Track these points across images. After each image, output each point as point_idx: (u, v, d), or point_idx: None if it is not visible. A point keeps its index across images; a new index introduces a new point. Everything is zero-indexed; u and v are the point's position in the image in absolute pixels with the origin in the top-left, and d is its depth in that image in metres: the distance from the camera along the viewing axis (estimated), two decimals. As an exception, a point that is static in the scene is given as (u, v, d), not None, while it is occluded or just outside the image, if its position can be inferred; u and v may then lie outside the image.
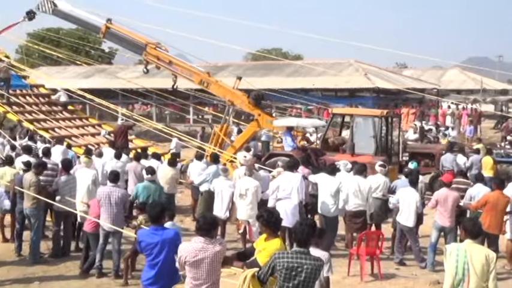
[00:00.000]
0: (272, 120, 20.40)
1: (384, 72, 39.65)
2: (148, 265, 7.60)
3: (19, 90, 25.18)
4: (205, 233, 6.91)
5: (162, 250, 7.45)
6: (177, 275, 7.69)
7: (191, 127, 38.78)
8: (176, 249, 7.27)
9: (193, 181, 15.37)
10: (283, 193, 12.56)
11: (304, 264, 6.36)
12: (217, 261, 6.91)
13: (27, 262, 12.19)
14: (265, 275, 6.47)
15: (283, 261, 6.33)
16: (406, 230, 12.40)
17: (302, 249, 6.48)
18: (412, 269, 12.28)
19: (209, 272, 6.87)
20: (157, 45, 21.52)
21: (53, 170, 13.49)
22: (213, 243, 6.90)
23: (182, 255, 6.85)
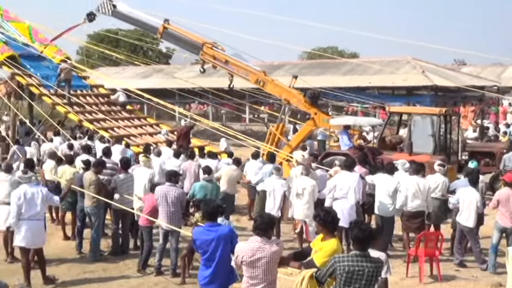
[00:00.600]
0: (328, 119, 20.26)
1: (442, 69, 38.83)
2: (203, 263, 7.61)
3: (79, 90, 25.70)
4: (262, 233, 6.89)
5: (217, 247, 7.43)
6: (233, 274, 7.69)
7: (247, 126, 38.86)
8: (231, 246, 7.28)
9: (250, 180, 15.37)
10: (340, 193, 12.44)
11: (365, 267, 6.25)
12: (274, 261, 6.87)
13: (88, 260, 12.41)
14: (324, 277, 6.39)
15: (344, 265, 6.23)
16: (466, 231, 12.11)
17: (362, 253, 6.37)
18: (473, 270, 11.97)
19: (266, 272, 6.83)
20: (213, 44, 21.66)
21: (113, 169, 13.68)
22: (270, 243, 6.87)
23: (239, 254, 6.83)
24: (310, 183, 12.77)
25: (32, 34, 28.11)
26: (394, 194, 12.36)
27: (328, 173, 14.33)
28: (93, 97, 25.99)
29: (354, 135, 21.21)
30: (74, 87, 25.02)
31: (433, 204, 12.94)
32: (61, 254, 12.78)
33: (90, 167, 12.87)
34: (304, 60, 53.73)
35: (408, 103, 31.02)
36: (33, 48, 26.80)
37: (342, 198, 12.37)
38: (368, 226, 7.16)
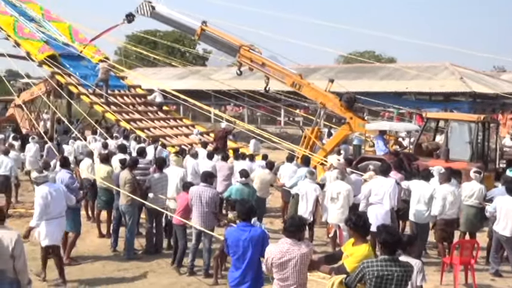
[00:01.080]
0: (364, 124, 20.14)
1: (481, 75, 38.35)
2: (233, 264, 7.62)
3: (117, 90, 25.98)
4: (292, 235, 6.87)
5: (248, 247, 7.40)
6: (262, 277, 7.67)
7: (282, 129, 38.88)
8: (262, 248, 7.26)
9: (284, 183, 15.34)
10: (375, 198, 12.34)
11: (394, 272, 6.22)
12: (304, 263, 6.84)
13: (122, 258, 12.52)
14: (353, 283, 6.37)
15: (373, 270, 6.19)
16: (503, 240, 11.90)
17: (390, 257, 6.33)
18: (509, 280, 11.76)
19: (295, 274, 6.81)
20: (250, 47, 21.70)
21: (146, 168, 13.77)
22: (299, 245, 6.85)
23: (269, 256, 6.83)
24: (346, 187, 12.70)
25: (72, 34, 28.53)
26: (429, 200, 12.23)
27: (362, 178, 14.23)
28: (130, 97, 26.27)
29: (389, 140, 21.04)
30: (112, 87, 25.32)
31: (469, 212, 12.76)
32: (96, 252, 12.92)
33: (127, 166, 12.99)
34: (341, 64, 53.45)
35: (445, 109, 30.76)
36: (73, 48, 27.20)
37: (377, 204, 12.25)
38: (396, 230, 7.12)
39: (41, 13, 29.75)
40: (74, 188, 12.23)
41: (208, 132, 25.30)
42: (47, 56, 25.08)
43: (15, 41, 26.06)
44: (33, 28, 27.16)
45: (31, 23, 27.81)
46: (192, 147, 19.47)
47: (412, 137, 21.25)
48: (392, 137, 22.73)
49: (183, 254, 11.69)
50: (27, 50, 25.58)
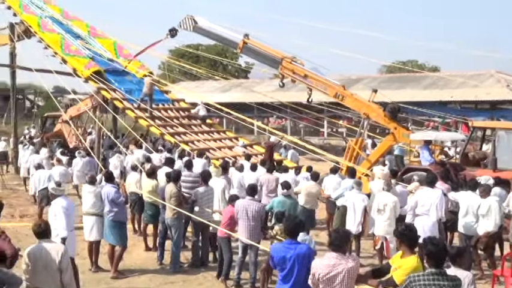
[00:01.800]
0: (409, 134, 19.89)
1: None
2: (281, 279, 7.56)
3: (161, 104, 26.18)
4: (337, 248, 6.79)
5: (295, 265, 7.34)
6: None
7: (325, 140, 38.75)
8: (309, 264, 7.19)
9: (329, 195, 15.24)
10: (422, 209, 12.16)
11: (442, 286, 6.09)
12: (351, 277, 6.74)
13: (168, 271, 12.56)
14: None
15: (420, 284, 6.09)
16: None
17: (438, 270, 6.21)
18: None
19: None
20: (292, 59, 21.66)
21: (195, 182, 13.79)
22: (346, 259, 6.77)
23: (316, 271, 6.76)
24: (392, 199, 12.53)
25: (117, 50, 28.91)
26: (477, 211, 12.04)
27: (408, 189, 14.07)
28: (174, 111, 26.44)
29: (435, 150, 20.77)
30: (156, 101, 25.52)
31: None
32: (143, 265, 13.00)
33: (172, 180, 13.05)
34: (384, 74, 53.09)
35: (492, 118, 30.22)
36: (117, 64, 27.54)
37: (424, 215, 12.08)
38: (441, 241, 6.98)
39: (87, 30, 30.26)
40: (119, 203, 12.37)
41: (251, 144, 25.33)
42: (92, 72, 25.43)
43: (62, 58, 26.52)
44: (79, 45, 27.62)
45: (77, 40, 28.30)
46: (236, 160, 19.49)
47: (458, 147, 20.93)
48: (438, 146, 22.43)
49: (229, 266, 11.65)
50: (74, 67, 25.99)
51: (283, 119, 43.21)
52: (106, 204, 12.28)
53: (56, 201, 10.69)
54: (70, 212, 10.61)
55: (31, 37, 28.68)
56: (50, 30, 27.99)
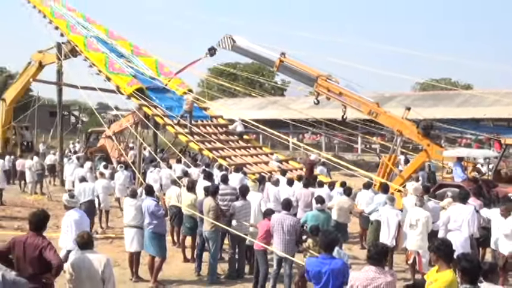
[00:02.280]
0: (442, 151, 19.71)
1: None
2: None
3: (200, 120, 26.35)
4: (376, 262, 6.81)
5: (329, 279, 7.37)
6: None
7: (359, 156, 38.53)
8: (343, 279, 7.20)
9: (362, 210, 15.16)
10: (454, 225, 12.05)
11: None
12: None
13: (205, 282, 12.57)
14: None
15: None
16: None
17: (472, 286, 6.15)
18: None
19: None
20: (328, 77, 21.68)
21: (232, 195, 13.82)
22: (385, 273, 6.78)
23: (354, 283, 6.77)
24: (424, 214, 12.42)
25: (158, 68, 29.27)
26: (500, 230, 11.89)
27: (440, 204, 13.92)
28: (212, 127, 26.58)
29: (467, 167, 20.53)
30: (195, 118, 25.69)
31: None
32: (181, 275, 13.04)
33: (210, 194, 13.11)
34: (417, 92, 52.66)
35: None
36: (158, 81, 27.85)
37: (456, 231, 11.95)
38: (475, 257, 6.93)
39: (130, 49, 30.70)
40: (159, 216, 12.46)
41: (287, 160, 25.32)
42: (135, 89, 25.73)
43: (106, 76, 26.91)
44: (122, 63, 28.02)
45: (121, 58, 28.73)
46: (272, 175, 19.50)
47: (491, 164, 20.65)
48: (471, 163, 22.18)
49: (265, 279, 11.63)
50: (117, 84, 26.35)
51: (317, 135, 43.08)
52: (146, 217, 12.38)
53: (69, 213, 10.79)
54: (83, 224, 10.60)
55: (77, 56, 29.22)
56: (95, 49, 28.46)
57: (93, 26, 32.40)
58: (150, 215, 12.36)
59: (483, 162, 24.92)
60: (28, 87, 36.12)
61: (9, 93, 34.92)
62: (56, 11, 31.90)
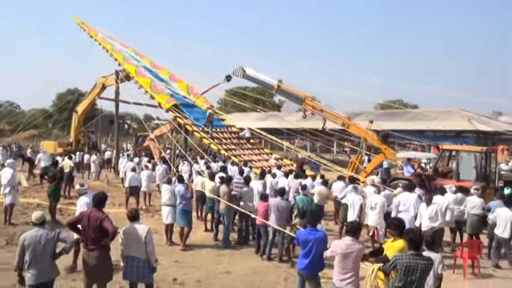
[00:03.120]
0: (395, 153, 19.92)
1: (484, 118, 37.03)
2: (302, 255, 7.62)
3: (219, 128, 26.38)
4: (352, 234, 6.94)
5: (313, 245, 7.46)
6: (323, 264, 7.63)
7: (334, 156, 38.44)
8: (324, 245, 7.26)
9: (336, 196, 15.18)
10: (403, 207, 12.15)
11: (419, 264, 6.09)
12: (360, 256, 6.87)
13: (220, 246, 12.64)
14: (388, 270, 6.29)
15: (403, 262, 6.10)
16: (502, 241, 11.37)
17: (417, 253, 6.21)
18: (506, 271, 11.17)
19: (354, 264, 6.82)
20: (312, 98, 21.76)
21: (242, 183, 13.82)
22: (358, 242, 6.90)
23: (336, 248, 6.86)
24: (381, 199, 12.49)
25: (189, 89, 29.28)
26: (444, 210, 11.88)
27: (393, 192, 13.92)
28: (227, 133, 26.60)
29: (414, 165, 20.51)
30: (215, 127, 25.74)
31: (473, 219, 12.34)
32: (203, 241, 13.08)
33: (224, 182, 13.17)
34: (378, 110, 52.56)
35: (456, 143, 29.64)
36: (189, 99, 27.89)
37: (404, 212, 12.01)
38: (419, 231, 7.01)
39: (168, 75, 30.77)
40: (187, 197, 12.53)
41: (282, 158, 25.32)
42: (171, 105, 25.74)
43: (150, 95, 26.94)
44: (163, 86, 28.08)
45: (162, 82, 28.79)
46: (271, 169, 19.51)
47: (431, 163, 20.65)
48: (416, 162, 22.12)
49: (265, 247, 11.69)
50: (159, 101, 26.37)
51: (304, 140, 43.04)
52: (178, 198, 12.43)
53: (81, 198, 10.35)
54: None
55: (130, 80, 29.29)
56: (142, 75, 28.53)
57: (142, 58, 32.51)
58: (180, 197, 12.41)
59: (425, 162, 24.93)
60: (94, 103, 36.19)
61: (80, 107, 35.07)
62: (115, 47, 31.99)
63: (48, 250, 7.03)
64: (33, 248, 6.95)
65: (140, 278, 7.65)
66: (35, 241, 6.97)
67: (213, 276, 10.12)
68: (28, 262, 6.96)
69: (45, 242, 7.01)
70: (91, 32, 33.39)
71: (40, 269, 6.98)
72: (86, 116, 36.20)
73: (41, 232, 7.06)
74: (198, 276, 10.11)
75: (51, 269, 7.16)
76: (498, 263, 11.50)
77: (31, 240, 6.98)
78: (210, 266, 10.87)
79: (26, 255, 6.95)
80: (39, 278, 6.99)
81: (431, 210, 11.28)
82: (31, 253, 6.94)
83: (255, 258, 11.61)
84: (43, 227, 7.20)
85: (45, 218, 7.48)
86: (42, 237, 7.02)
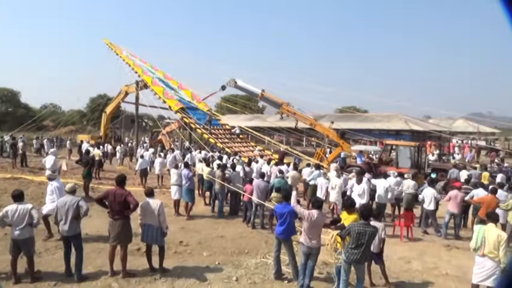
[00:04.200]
0: (350, 147, 20.06)
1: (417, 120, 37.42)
2: (279, 224, 7.62)
3: (215, 126, 26.29)
4: (317, 207, 6.95)
5: (288, 216, 7.43)
6: (295, 230, 7.64)
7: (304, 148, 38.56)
8: (295, 216, 7.26)
9: (305, 179, 15.21)
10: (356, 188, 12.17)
11: (367, 230, 6.15)
12: (321, 223, 6.88)
13: (216, 217, 12.58)
14: (344, 235, 6.34)
15: (355, 229, 6.16)
16: (429, 213, 11.53)
17: (366, 222, 6.26)
18: (432, 236, 11.31)
19: (318, 230, 6.86)
20: (288, 103, 21.77)
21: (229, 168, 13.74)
22: (322, 214, 6.93)
23: (307, 216, 6.86)
24: (340, 181, 12.51)
25: (192, 96, 29.10)
26: (387, 190, 11.97)
27: (349, 176, 14.00)
28: (222, 130, 26.54)
29: (364, 156, 20.68)
30: (213, 125, 25.65)
31: (408, 197, 12.39)
32: (203, 213, 13.01)
33: (219, 168, 13.11)
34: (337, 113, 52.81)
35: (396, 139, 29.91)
36: (193, 104, 27.72)
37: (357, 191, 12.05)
38: (369, 206, 7.10)
39: (177, 85, 30.50)
40: (191, 178, 12.45)
41: (264, 149, 25.31)
42: (179, 108, 25.60)
43: (163, 100, 26.73)
44: (172, 93, 27.86)
45: (171, 90, 28.53)
46: (255, 158, 19.50)
47: (377, 154, 20.80)
48: (366, 154, 22.32)
49: (250, 216, 11.67)
50: (169, 105, 26.16)
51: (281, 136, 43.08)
52: (183, 179, 12.36)
53: (51, 183, 9.29)
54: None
55: (147, 88, 28.97)
56: (157, 84, 28.25)
57: (156, 71, 32.14)
58: (186, 178, 12.33)
59: (373, 153, 25.11)
60: (119, 105, 35.74)
61: (108, 108, 34.62)
62: (136, 62, 31.57)
63: (70, 212, 7.18)
64: (60, 209, 7.25)
65: (154, 240, 7.62)
66: (62, 204, 7.27)
67: (210, 239, 10.09)
68: (59, 219, 7.25)
69: (69, 206, 7.20)
70: (117, 50, 32.90)
71: (65, 225, 7.18)
72: (112, 115, 35.68)
73: (68, 198, 7.32)
74: (199, 239, 10.07)
75: (72, 227, 7.21)
76: (426, 230, 11.66)
77: (60, 203, 7.34)
78: (209, 231, 10.84)
79: (58, 215, 7.28)
80: (63, 232, 7.24)
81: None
82: (59, 213, 7.26)
83: (243, 226, 11.58)
84: (72, 194, 7.43)
85: (75, 188, 7.69)
86: (67, 203, 7.24)
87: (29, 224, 6.91)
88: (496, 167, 22.04)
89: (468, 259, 8.81)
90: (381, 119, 34.55)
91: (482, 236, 6.39)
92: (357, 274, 6.43)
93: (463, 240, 10.85)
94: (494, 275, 6.26)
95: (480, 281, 6.39)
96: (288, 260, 7.65)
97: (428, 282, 7.86)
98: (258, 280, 7.51)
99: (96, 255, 8.54)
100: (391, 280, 7.60)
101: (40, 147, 29.43)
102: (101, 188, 15.84)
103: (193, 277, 7.50)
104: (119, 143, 30.08)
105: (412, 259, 9.25)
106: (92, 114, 59.19)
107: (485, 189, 11.40)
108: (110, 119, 35.36)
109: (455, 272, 8.47)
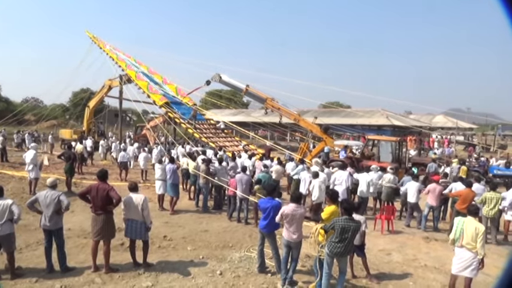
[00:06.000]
0: (333, 141, 20.17)
1: (398, 116, 37.93)
2: (262, 218, 7.59)
3: (200, 121, 26.11)
4: (296, 201, 6.96)
5: (271, 211, 7.41)
6: (278, 224, 7.64)
7: (288, 143, 38.66)
8: (278, 211, 7.24)
9: (289, 173, 15.25)
10: (338, 182, 12.26)
11: (351, 225, 6.20)
12: (302, 218, 6.89)
13: (200, 211, 12.52)
14: (328, 229, 6.38)
15: (340, 224, 6.21)
16: (413, 206, 11.71)
17: (349, 217, 6.30)
18: (413, 229, 11.50)
19: (298, 224, 6.84)
20: (272, 98, 21.70)
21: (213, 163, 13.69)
22: (301, 208, 6.96)
23: (284, 212, 6.87)
24: (323, 175, 12.57)
25: (177, 91, 28.79)
26: (368, 184, 12.10)
27: (331, 170, 14.10)
28: (207, 125, 26.38)
29: (347, 150, 20.84)
30: (198, 119, 25.47)
31: (388, 190, 12.55)
32: (187, 207, 12.94)
33: (204, 162, 13.03)
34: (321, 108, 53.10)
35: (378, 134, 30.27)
36: (177, 98, 27.42)
37: (339, 185, 12.14)
38: (352, 202, 7.15)
39: (161, 79, 30.10)
40: (175, 173, 12.35)
41: (248, 144, 25.27)
42: (163, 102, 25.32)
43: (147, 94, 26.40)
44: (157, 87, 27.52)
45: (156, 85, 28.17)
46: (239, 152, 19.46)
47: (359, 149, 21.00)
48: (349, 148, 22.49)
49: (233, 212, 11.66)
50: (153, 99, 25.85)
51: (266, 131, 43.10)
52: (168, 174, 12.27)
53: None
54: None
55: (131, 82, 28.52)
56: (141, 79, 27.87)
57: (140, 65, 31.66)
58: (170, 173, 12.24)
59: (356, 148, 25.34)
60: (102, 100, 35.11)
61: (91, 102, 33.86)
62: (119, 56, 31.02)
63: (51, 206, 7.12)
64: (41, 203, 7.19)
65: (138, 235, 7.54)
66: (43, 198, 7.19)
67: (194, 234, 10.04)
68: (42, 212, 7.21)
69: (50, 201, 7.13)
70: (100, 44, 32.26)
71: (45, 219, 7.13)
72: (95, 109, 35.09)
73: (49, 193, 7.22)
74: (183, 233, 10.01)
75: (53, 221, 7.15)
76: (410, 224, 11.81)
77: (40, 197, 7.23)
78: (193, 226, 10.78)
79: (39, 207, 7.23)
80: (45, 226, 7.19)
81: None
82: (41, 206, 7.20)
83: (227, 220, 11.56)
84: (53, 189, 7.33)
85: (56, 183, 7.60)
86: (47, 196, 7.17)
87: (9, 220, 6.76)
88: (474, 161, 22.55)
89: (446, 250, 9.00)
90: (363, 115, 34.88)
91: (461, 228, 6.52)
92: (340, 267, 6.49)
93: (441, 232, 11.08)
94: (472, 266, 6.39)
95: (459, 271, 6.52)
96: (271, 254, 7.67)
97: (408, 274, 7.99)
98: (241, 274, 7.51)
99: (79, 250, 8.40)
100: (372, 272, 7.70)
101: (21, 142, 28.76)
102: (84, 183, 15.57)
103: (177, 271, 7.45)
104: (102, 138, 29.59)
105: (393, 251, 9.39)
106: (75, 108, 58.01)
107: (463, 183, 11.64)
108: (93, 114, 34.75)
109: (433, 263, 8.64)
